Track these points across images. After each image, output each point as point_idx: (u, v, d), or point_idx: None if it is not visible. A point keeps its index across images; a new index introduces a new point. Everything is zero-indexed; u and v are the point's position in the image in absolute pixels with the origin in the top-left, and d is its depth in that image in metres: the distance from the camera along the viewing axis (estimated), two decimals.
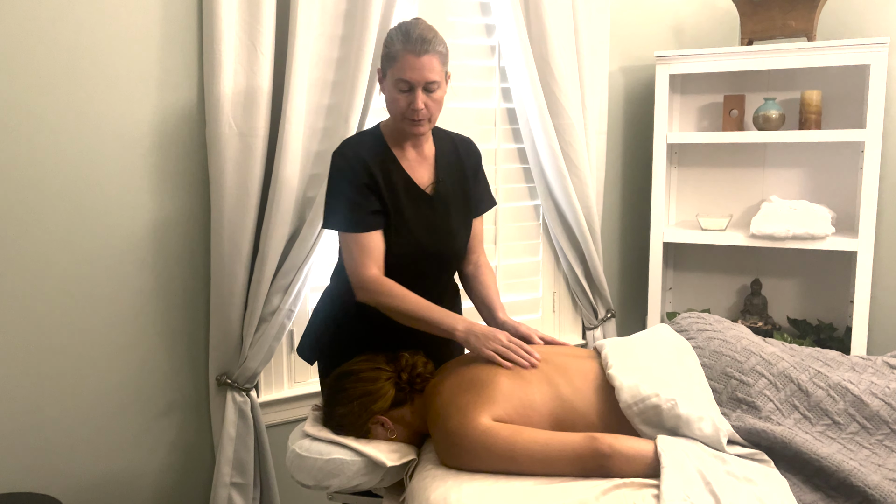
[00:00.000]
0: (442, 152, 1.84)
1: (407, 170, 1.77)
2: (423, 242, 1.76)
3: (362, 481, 1.54)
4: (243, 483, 2.15)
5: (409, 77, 1.64)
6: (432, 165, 1.81)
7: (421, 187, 1.78)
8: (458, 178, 1.85)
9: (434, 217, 1.78)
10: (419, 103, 1.65)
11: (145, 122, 1.96)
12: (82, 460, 1.98)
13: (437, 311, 1.67)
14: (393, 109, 1.71)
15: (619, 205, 2.98)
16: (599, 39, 2.69)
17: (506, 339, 1.62)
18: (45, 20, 1.80)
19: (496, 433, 1.42)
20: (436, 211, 1.79)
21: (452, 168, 1.84)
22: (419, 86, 1.65)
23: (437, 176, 1.80)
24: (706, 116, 2.91)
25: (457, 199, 1.84)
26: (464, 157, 1.87)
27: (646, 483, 1.32)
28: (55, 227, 1.88)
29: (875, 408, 1.46)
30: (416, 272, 1.77)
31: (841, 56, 2.47)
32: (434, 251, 1.78)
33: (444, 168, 1.83)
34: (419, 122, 1.69)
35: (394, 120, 1.74)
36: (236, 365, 2.11)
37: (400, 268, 1.74)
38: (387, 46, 1.68)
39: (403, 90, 1.66)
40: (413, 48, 1.63)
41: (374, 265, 1.70)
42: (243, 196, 2.02)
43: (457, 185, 1.84)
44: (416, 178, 1.78)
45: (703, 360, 1.56)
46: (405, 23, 1.70)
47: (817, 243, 2.56)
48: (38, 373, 1.90)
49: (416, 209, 1.76)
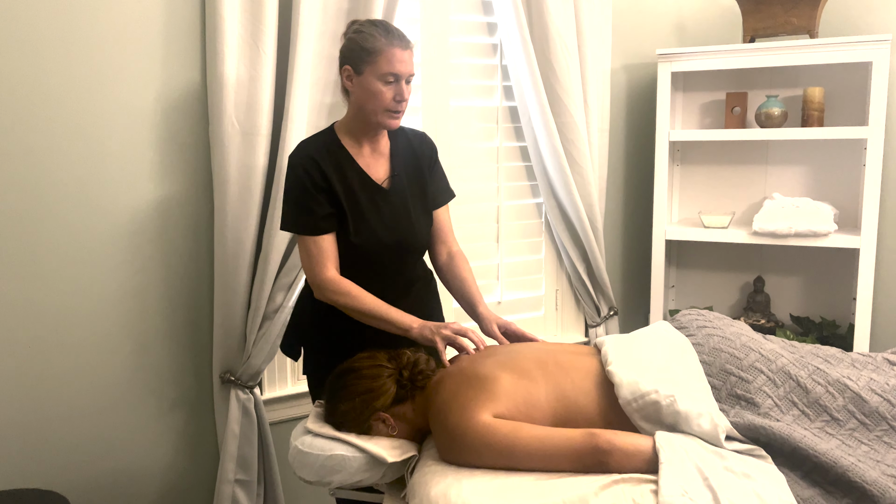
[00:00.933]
0: (397, 147, 1.88)
1: (363, 166, 1.82)
2: (381, 234, 1.80)
3: (364, 477, 1.55)
4: (247, 479, 2.16)
5: (398, 70, 1.70)
6: (388, 160, 1.86)
7: (377, 182, 1.82)
8: (415, 171, 1.89)
9: (391, 210, 1.83)
10: (406, 93, 1.73)
11: (149, 121, 1.98)
12: (87, 457, 2.00)
13: (394, 312, 1.74)
14: (374, 103, 1.73)
15: (621, 202, 2.99)
16: (601, 37, 2.69)
17: (457, 327, 1.69)
18: (47, 20, 1.82)
19: (496, 430, 1.43)
20: (392, 204, 1.83)
21: (408, 162, 1.89)
22: (404, 77, 1.72)
23: (392, 170, 1.85)
24: (708, 114, 2.91)
25: (414, 191, 1.88)
26: (419, 151, 1.91)
27: (644, 478, 1.33)
28: (60, 226, 1.89)
29: (874, 404, 1.46)
30: (379, 264, 1.83)
31: (843, 53, 2.47)
32: (393, 242, 1.82)
33: (400, 162, 1.87)
34: (400, 113, 1.76)
35: (369, 114, 1.75)
36: (240, 362, 2.12)
37: (362, 260, 1.80)
38: (364, 41, 1.70)
39: (390, 82, 1.71)
40: (399, 42, 1.70)
41: (331, 266, 1.76)
42: (246, 194, 2.03)
43: (413, 178, 1.88)
44: (371, 173, 1.82)
45: (703, 357, 1.56)
46: (375, 20, 1.76)
47: (820, 241, 2.56)
48: (42, 370, 1.91)
49: (373, 203, 1.81)
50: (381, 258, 1.82)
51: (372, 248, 1.79)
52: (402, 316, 1.74)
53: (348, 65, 1.74)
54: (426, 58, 2.43)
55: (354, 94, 1.75)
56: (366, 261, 1.81)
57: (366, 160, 1.83)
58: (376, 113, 1.74)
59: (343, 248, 1.79)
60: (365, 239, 1.78)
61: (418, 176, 1.89)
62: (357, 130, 1.82)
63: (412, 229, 1.85)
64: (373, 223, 1.79)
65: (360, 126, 1.81)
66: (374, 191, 1.81)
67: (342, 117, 1.85)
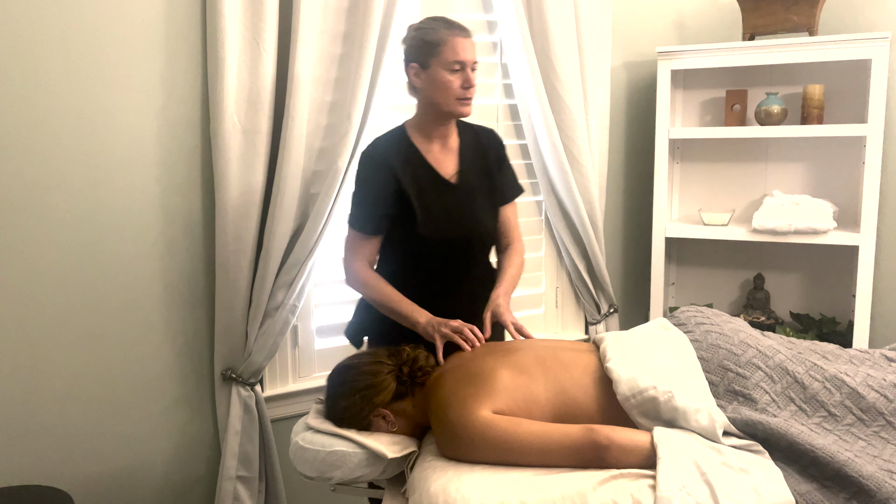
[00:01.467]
0: (466, 143, 1.94)
1: (431, 162, 1.89)
2: (446, 228, 1.86)
3: (364, 473, 1.56)
4: (248, 476, 2.17)
5: (463, 57, 1.77)
6: (457, 156, 1.92)
7: (445, 177, 1.89)
8: (482, 167, 1.94)
9: (457, 204, 1.89)
10: (473, 78, 1.79)
11: (150, 119, 1.99)
12: (90, 453, 2.01)
13: (405, 305, 1.82)
14: (444, 93, 1.80)
15: (621, 200, 2.99)
16: (601, 35, 2.70)
17: (457, 325, 1.73)
18: (48, 16, 1.83)
19: (496, 425, 1.44)
20: (459, 199, 1.89)
21: (476, 158, 1.94)
22: (469, 65, 1.79)
23: (460, 166, 1.91)
24: (708, 111, 2.92)
25: (481, 187, 1.93)
26: (487, 147, 1.96)
27: (642, 474, 1.34)
28: (61, 224, 1.90)
29: (871, 400, 1.47)
30: (444, 257, 1.89)
31: (843, 51, 2.48)
32: (458, 236, 1.88)
33: (468, 158, 1.93)
34: (469, 99, 1.81)
35: (442, 105, 1.82)
36: (241, 360, 2.13)
37: (428, 253, 1.88)
38: (427, 36, 1.79)
39: (457, 70, 1.78)
40: (461, 32, 1.78)
41: (362, 259, 1.89)
42: (247, 192, 2.04)
43: (481, 173, 1.94)
44: (440, 169, 1.89)
45: (701, 353, 1.57)
46: (433, 16, 1.84)
47: (819, 238, 2.57)
48: (44, 367, 1.92)
49: (440, 198, 1.87)
50: (446, 251, 1.88)
51: (438, 241, 1.86)
52: (412, 310, 1.80)
53: (414, 62, 1.81)
54: None
55: (424, 89, 1.82)
56: (432, 254, 1.88)
57: (435, 156, 1.90)
58: (448, 103, 1.81)
59: (410, 241, 1.87)
60: (431, 232, 1.84)
61: (485, 171, 1.94)
62: (427, 127, 1.89)
63: (477, 223, 1.91)
64: (439, 217, 1.86)
65: (431, 121, 1.88)
66: (441, 186, 1.88)
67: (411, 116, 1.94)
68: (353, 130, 2.12)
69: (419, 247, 1.87)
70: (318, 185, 2.15)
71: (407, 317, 1.81)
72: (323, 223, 2.14)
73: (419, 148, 1.89)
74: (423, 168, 1.88)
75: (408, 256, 1.91)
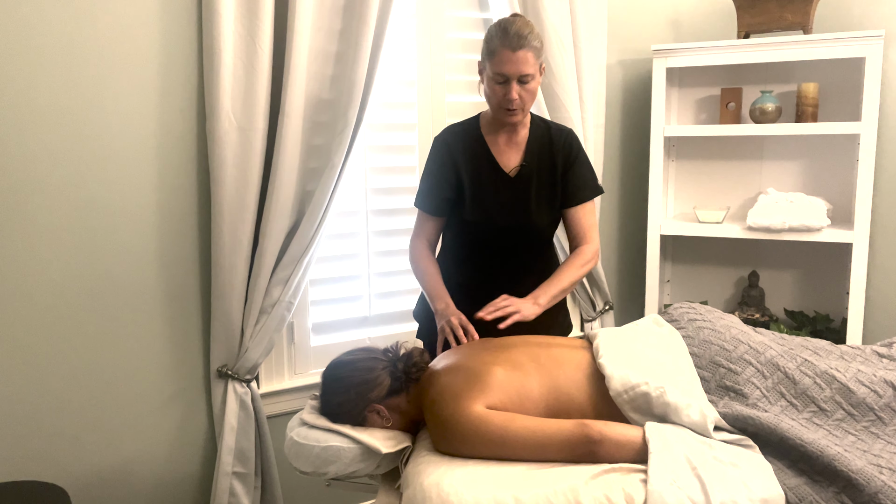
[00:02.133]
0: (534, 139, 1.98)
1: (495, 153, 1.96)
2: (494, 216, 1.93)
3: (359, 468, 1.56)
4: (245, 472, 2.18)
5: (505, 70, 1.79)
6: (522, 150, 1.96)
7: (505, 170, 1.95)
8: (547, 164, 1.97)
9: (511, 196, 1.95)
10: (513, 94, 1.81)
11: (146, 116, 1.99)
12: (86, 450, 2.02)
13: (434, 288, 1.91)
14: (490, 100, 1.88)
15: (616, 197, 3.00)
16: (597, 33, 2.71)
17: (455, 322, 1.77)
18: (43, 15, 1.83)
19: (489, 420, 1.45)
20: (515, 191, 1.95)
21: (543, 154, 1.97)
22: (514, 78, 1.80)
23: (524, 160, 1.96)
24: (703, 109, 2.93)
25: (542, 183, 1.97)
26: (557, 147, 1.98)
27: (634, 468, 1.35)
28: (57, 221, 1.91)
29: (861, 395, 1.48)
30: (492, 244, 1.97)
31: (837, 49, 2.49)
32: (505, 225, 1.94)
33: (534, 154, 1.97)
34: (513, 111, 1.85)
35: (491, 110, 1.91)
36: (237, 356, 2.14)
37: (476, 237, 1.97)
38: (486, 42, 1.84)
39: (500, 82, 1.82)
40: (510, 44, 1.78)
41: (422, 238, 2.00)
42: (243, 189, 2.05)
43: (544, 170, 1.97)
44: (502, 161, 1.96)
45: (693, 349, 1.58)
46: (504, 19, 1.84)
47: (813, 235, 2.58)
48: (41, 364, 1.93)
49: (495, 188, 1.95)
50: (492, 239, 1.96)
51: (483, 227, 1.94)
52: (436, 295, 1.89)
53: (480, 62, 1.89)
54: (422, 53, 2.44)
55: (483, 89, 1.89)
56: (478, 240, 1.97)
57: (500, 148, 1.96)
58: (494, 110, 1.89)
59: (460, 225, 1.98)
60: (476, 218, 1.93)
61: (551, 169, 1.97)
62: (494, 121, 1.96)
63: (528, 216, 1.95)
64: (488, 206, 1.93)
65: (495, 118, 1.94)
66: (499, 177, 1.95)
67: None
68: (348, 128, 2.13)
69: (466, 233, 1.97)
70: (314, 183, 2.16)
71: (431, 299, 1.90)
72: (319, 220, 2.15)
73: (486, 138, 1.96)
74: (484, 158, 1.95)
75: (459, 242, 2.01)
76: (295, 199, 2.13)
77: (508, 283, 1.93)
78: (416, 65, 2.44)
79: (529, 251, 2.01)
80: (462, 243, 2.01)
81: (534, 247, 2.02)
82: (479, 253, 1.99)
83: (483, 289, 1.92)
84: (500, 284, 1.93)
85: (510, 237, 1.96)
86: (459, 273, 2.01)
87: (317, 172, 2.16)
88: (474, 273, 2.00)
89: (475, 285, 1.97)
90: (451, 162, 1.95)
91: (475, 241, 1.98)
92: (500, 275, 1.98)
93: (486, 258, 1.99)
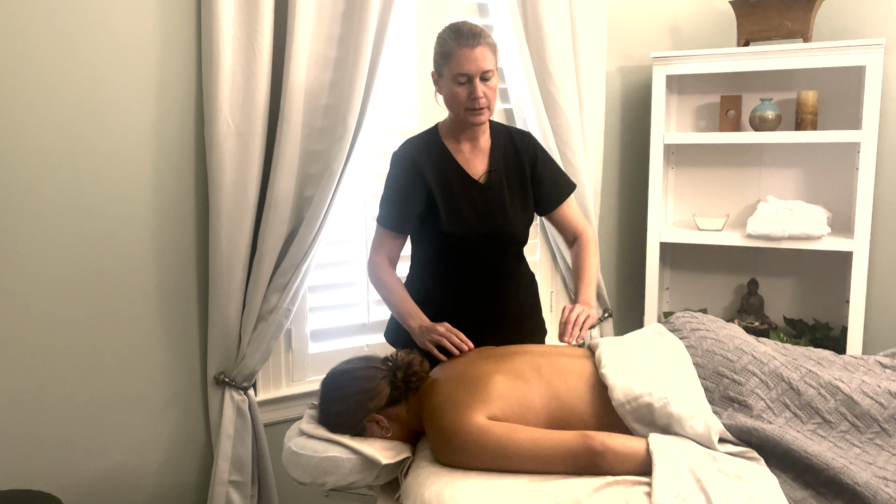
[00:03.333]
0: (497, 144, 1.96)
1: (461, 162, 1.92)
2: (474, 225, 1.89)
3: (357, 479, 1.55)
4: (241, 481, 2.16)
5: (466, 69, 1.76)
6: (487, 156, 1.94)
7: (474, 177, 1.91)
8: (516, 168, 1.96)
9: (485, 203, 1.91)
10: (479, 91, 1.77)
11: (144, 120, 1.97)
12: (81, 458, 2.00)
13: (406, 307, 1.86)
14: (453, 104, 1.83)
15: (616, 205, 2.99)
16: (596, 40, 2.70)
17: (443, 330, 1.74)
18: (43, 18, 1.81)
19: (490, 431, 1.43)
20: (487, 198, 1.91)
21: (508, 158, 1.95)
22: (476, 76, 1.77)
23: (490, 166, 1.93)
24: (703, 117, 2.92)
25: (513, 186, 1.94)
26: (521, 149, 1.97)
27: (637, 481, 1.33)
28: (54, 225, 1.89)
29: (866, 406, 1.47)
30: (472, 253, 1.92)
31: (837, 57, 2.48)
32: (486, 233, 1.90)
33: (499, 159, 1.94)
34: (480, 110, 1.81)
35: (455, 114, 1.86)
36: (234, 363, 2.12)
37: (455, 251, 1.91)
38: (440, 46, 1.82)
39: (462, 83, 1.78)
40: (466, 42, 1.76)
41: (382, 254, 1.93)
42: (241, 195, 2.03)
43: (513, 174, 1.95)
44: (469, 169, 1.92)
45: (696, 360, 1.57)
46: (454, 23, 1.83)
47: (813, 243, 2.57)
48: (36, 370, 1.91)
49: (468, 197, 1.90)
50: (473, 249, 1.91)
51: (464, 238, 1.89)
52: (409, 314, 1.84)
53: (434, 70, 1.85)
54: (421, 60, 2.43)
55: (442, 98, 1.86)
56: (458, 251, 1.91)
57: (465, 157, 1.93)
58: (458, 113, 1.84)
59: (438, 238, 1.91)
60: (456, 229, 1.88)
61: (519, 172, 1.95)
62: (455, 129, 1.92)
63: (506, 221, 1.92)
64: (466, 215, 1.89)
65: (456, 125, 1.91)
66: (470, 185, 1.91)
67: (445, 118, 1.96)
68: (348, 133, 2.11)
69: (446, 246, 1.91)
70: (313, 189, 2.14)
71: (404, 319, 1.85)
72: (317, 227, 2.13)
73: (449, 148, 1.93)
74: (452, 168, 1.91)
75: (437, 256, 1.95)
76: (294, 205, 2.11)
77: (483, 294, 1.94)
78: (415, 70, 2.43)
79: (508, 257, 1.99)
80: (440, 258, 1.95)
81: (512, 252, 2.00)
82: (453, 267, 1.94)
83: (459, 303, 1.91)
84: (474, 295, 1.93)
85: (490, 244, 1.92)
86: (434, 290, 1.95)
87: (316, 178, 2.15)
88: (449, 289, 1.95)
89: (451, 301, 1.93)
90: (418, 175, 1.89)
91: (454, 253, 1.92)
92: (475, 286, 1.95)
93: (461, 271, 1.94)
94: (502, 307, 1.96)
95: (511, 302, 1.98)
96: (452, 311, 1.87)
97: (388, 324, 2.11)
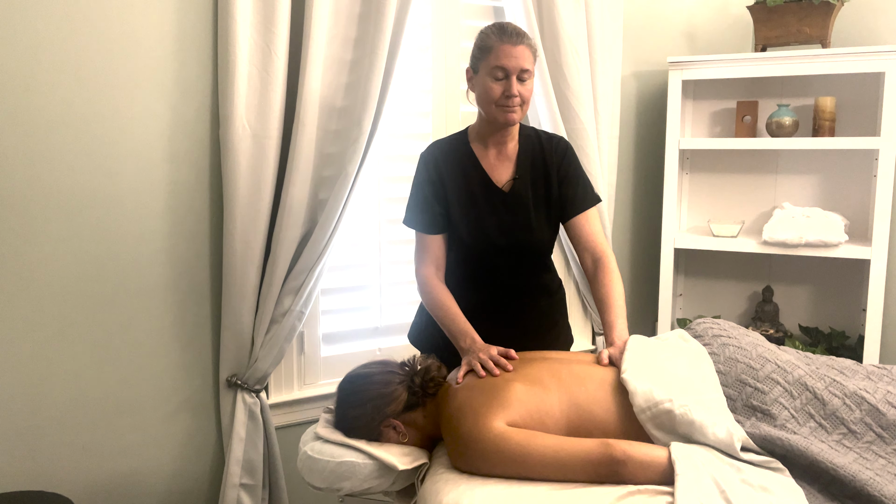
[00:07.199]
0: (525, 151, 1.91)
1: (486, 168, 1.88)
2: (494, 236, 1.85)
3: (373, 484, 1.53)
4: (252, 484, 2.14)
5: (505, 64, 1.72)
6: (513, 164, 1.89)
7: (497, 185, 1.87)
8: (541, 176, 1.90)
9: (508, 212, 1.86)
10: (514, 89, 1.73)
11: (160, 122, 1.97)
12: (93, 460, 1.99)
13: (457, 325, 1.77)
14: (486, 99, 1.78)
15: (630, 210, 2.98)
16: (612, 44, 2.69)
17: (483, 356, 1.64)
18: (58, 21, 1.81)
19: (509, 438, 1.41)
20: (511, 207, 1.87)
21: (535, 166, 1.90)
22: (514, 73, 1.73)
23: (515, 173, 1.88)
24: (719, 122, 2.90)
25: (538, 195, 1.89)
26: (548, 157, 1.91)
27: (660, 490, 1.31)
28: (69, 227, 1.88)
29: (891, 417, 1.44)
30: (492, 266, 1.89)
31: (855, 63, 2.46)
32: (505, 245, 1.86)
33: (525, 166, 1.89)
34: (513, 108, 1.76)
35: (486, 112, 1.81)
36: (246, 366, 2.11)
37: (476, 261, 1.88)
38: (481, 41, 1.78)
39: (499, 78, 1.74)
40: (509, 39, 1.73)
41: (431, 264, 1.87)
42: (256, 197, 2.02)
43: (538, 182, 1.90)
44: (494, 175, 1.87)
45: (718, 367, 1.55)
46: (498, 22, 1.81)
47: (830, 251, 2.55)
48: (48, 373, 1.90)
49: (490, 205, 1.86)
50: (494, 259, 1.88)
51: (484, 248, 1.85)
52: (460, 334, 1.75)
53: (469, 67, 1.82)
54: (436, 63, 2.42)
55: (475, 94, 1.82)
56: (479, 261, 1.88)
57: (490, 162, 1.88)
58: (489, 110, 1.79)
59: (458, 247, 1.88)
60: (477, 239, 1.85)
61: (544, 181, 1.90)
62: (484, 133, 1.88)
63: (529, 232, 1.87)
64: (487, 225, 1.85)
65: (485, 127, 1.86)
66: (493, 193, 1.87)
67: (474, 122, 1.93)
68: (363, 136, 2.10)
69: (466, 253, 1.88)
70: (328, 191, 2.13)
71: (455, 336, 1.77)
72: (332, 229, 2.12)
73: (476, 153, 1.88)
74: (476, 173, 1.87)
75: (456, 262, 1.91)
76: (308, 208, 2.10)
77: (511, 301, 1.90)
78: (431, 73, 2.42)
79: (529, 266, 1.94)
80: (460, 264, 1.91)
81: (534, 261, 1.95)
82: (479, 271, 1.89)
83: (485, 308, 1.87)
84: (502, 302, 1.89)
85: (511, 253, 1.88)
86: (456, 295, 1.86)
87: (330, 181, 2.13)
88: (475, 291, 1.90)
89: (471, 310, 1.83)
90: (438, 179, 1.86)
91: (474, 261, 1.89)
92: (502, 293, 1.90)
93: (487, 277, 1.90)
94: (524, 317, 1.91)
95: (532, 312, 1.94)
96: (471, 318, 1.81)
97: (412, 325, 2.07)
